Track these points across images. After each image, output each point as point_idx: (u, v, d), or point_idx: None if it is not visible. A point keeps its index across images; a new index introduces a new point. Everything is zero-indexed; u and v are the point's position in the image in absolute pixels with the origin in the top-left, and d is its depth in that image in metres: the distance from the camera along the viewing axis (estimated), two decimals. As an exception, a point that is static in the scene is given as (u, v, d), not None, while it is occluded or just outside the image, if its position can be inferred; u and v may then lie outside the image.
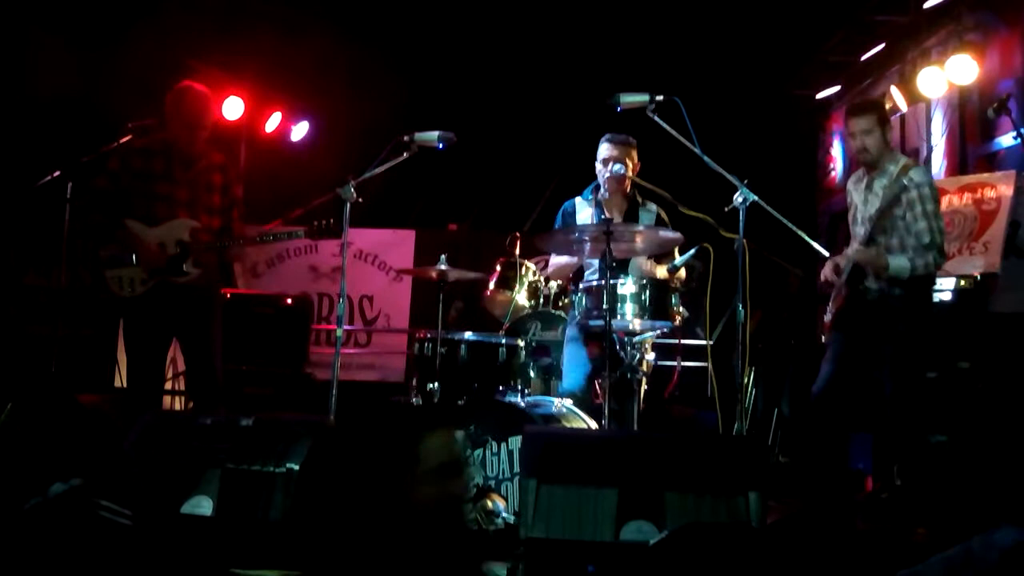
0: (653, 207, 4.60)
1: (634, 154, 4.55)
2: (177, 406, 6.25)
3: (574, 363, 4.39)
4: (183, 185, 4.30)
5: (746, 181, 3.74)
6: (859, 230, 4.25)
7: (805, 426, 5.59)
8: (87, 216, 4.33)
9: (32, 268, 5.94)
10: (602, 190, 4.59)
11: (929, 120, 6.62)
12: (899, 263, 4.02)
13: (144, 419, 3.32)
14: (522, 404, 3.85)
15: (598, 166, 4.57)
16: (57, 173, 4.73)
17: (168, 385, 5.72)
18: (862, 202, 4.26)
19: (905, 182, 4.02)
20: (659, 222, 4.57)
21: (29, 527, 2.58)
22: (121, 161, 4.31)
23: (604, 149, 4.55)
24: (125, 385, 5.44)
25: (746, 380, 4.37)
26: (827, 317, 4.26)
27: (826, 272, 4.31)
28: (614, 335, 4.04)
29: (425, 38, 7.37)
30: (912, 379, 4.08)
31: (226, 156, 4.60)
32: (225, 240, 4.34)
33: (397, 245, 8.07)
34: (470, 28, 7.25)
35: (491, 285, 5.12)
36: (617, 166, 4.47)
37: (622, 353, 4.18)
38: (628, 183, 4.58)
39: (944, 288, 4.89)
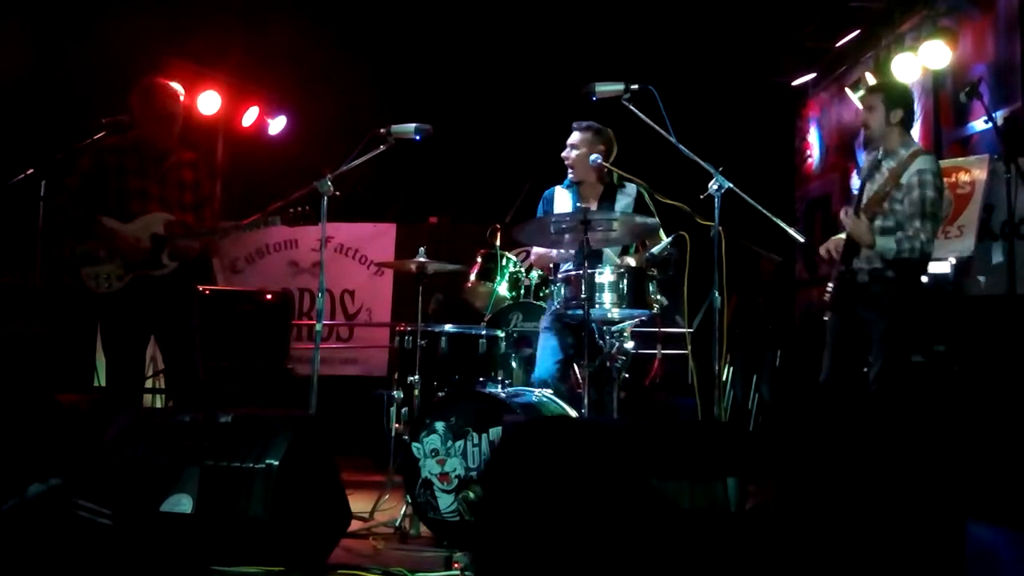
0: (632, 188, 4.60)
1: (597, 140, 4.56)
2: (157, 404, 6.23)
3: (546, 351, 4.40)
4: (155, 180, 4.29)
5: (721, 168, 3.76)
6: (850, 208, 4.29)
7: (799, 412, 5.64)
8: (62, 214, 4.29)
9: (7, 267, 5.89)
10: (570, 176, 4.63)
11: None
12: (886, 243, 4.05)
13: (123, 417, 3.31)
14: (502, 395, 3.86)
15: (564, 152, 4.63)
16: (31, 171, 4.69)
17: (148, 383, 5.69)
18: (868, 179, 4.29)
19: (911, 167, 4.08)
20: (639, 202, 4.57)
21: (6, 528, 2.57)
22: (93, 158, 4.28)
23: (571, 137, 4.61)
24: (104, 384, 5.41)
25: (724, 366, 4.39)
26: (826, 296, 4.29)
27: (827, 246, 4.34)
28: (592, 324, 4.05)
29: (401, 30, 7.34)
30: (897, 361, 4.12)
31: (197, 153, 4.58)
32: (201, 229, 4.31)
33: (378, 239, 8.06)
34: (446, 20, 7.23)
35: (472, 277, 5.13)
36: (594, 156, 4.49)
37: (600, 342, 4.20)
38: (601, 169, 4.58)
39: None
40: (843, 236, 4.26)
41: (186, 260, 4.28)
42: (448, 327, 4.34)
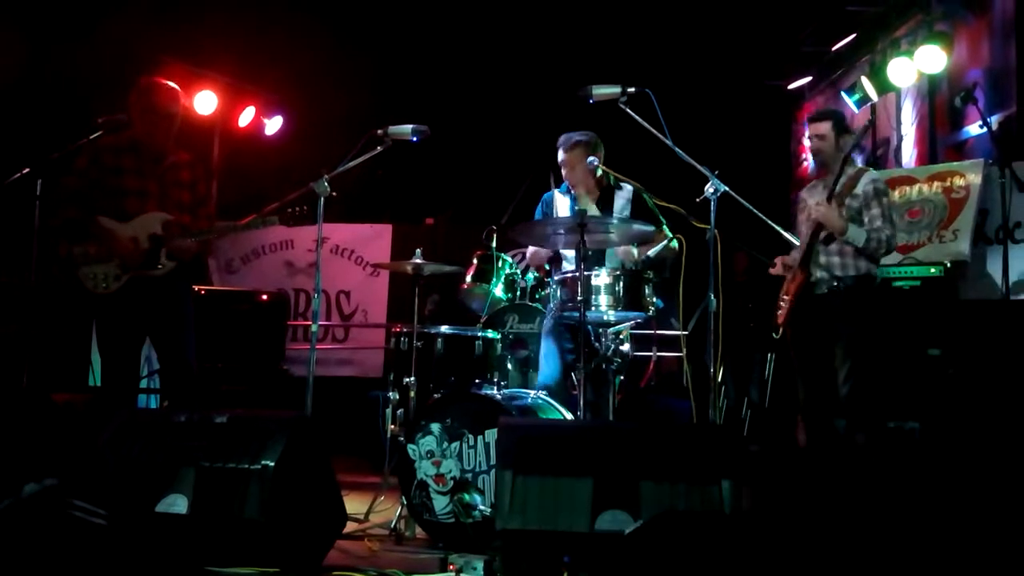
0: (628, 188, 4.60)
1: (587, 149, 4.55)
2: (152, 404, 6.21)
3: (550, 356, 4.41)
4: (152, 180, 4.28)
5: (717, 172, 3.77)
6: (805, 230, 4.37)
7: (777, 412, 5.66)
8: (59, 213, 4.28)
9: (2, 266, 5.87)
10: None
11: (899, 109, 6.69)
12: (855, 231, 4.15)
13: (118, 417, 3.30)
14: (498, 397, 3.86)
15: (563, 172, 4.64)
16: (27, 170, 4.68)
17: (142, 383, 5.68)
18: (815, 204, 4.34)
19: (863, 179, 4.24)
20: (636, 201, 4.58)
21: (1, 528, 2.56)
22: (90, 158, 4.27)
23: (560, 157, 4.62)
24: (99, 384, 5.40)
25: (719, 369, 4.40)
26: (779, 313, 4.34)
27: (778, 261, 4.42)
28: (588, 326, 4.06)
29: (398, 32, 7.35)
30: (862, 379, 4.18)
31: (194, 154, 4.57)
32: (198, 229, 4.31)
33: (374, 240, 8.06)
34: (444, 21, 7.23)
35: (468, 278, 5.13)
36: (590, 159, 4.50)
37: (597, 344, 4.20)
38: (597, 173, 4.59)
39: (914, 276, 4.96)
40: (794, 254, 4.34)
41: (183, 260, 4.28)
42: (444, 328, 4.34)
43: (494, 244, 5.12)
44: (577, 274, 3.87)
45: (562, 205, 4.65)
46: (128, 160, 4.26)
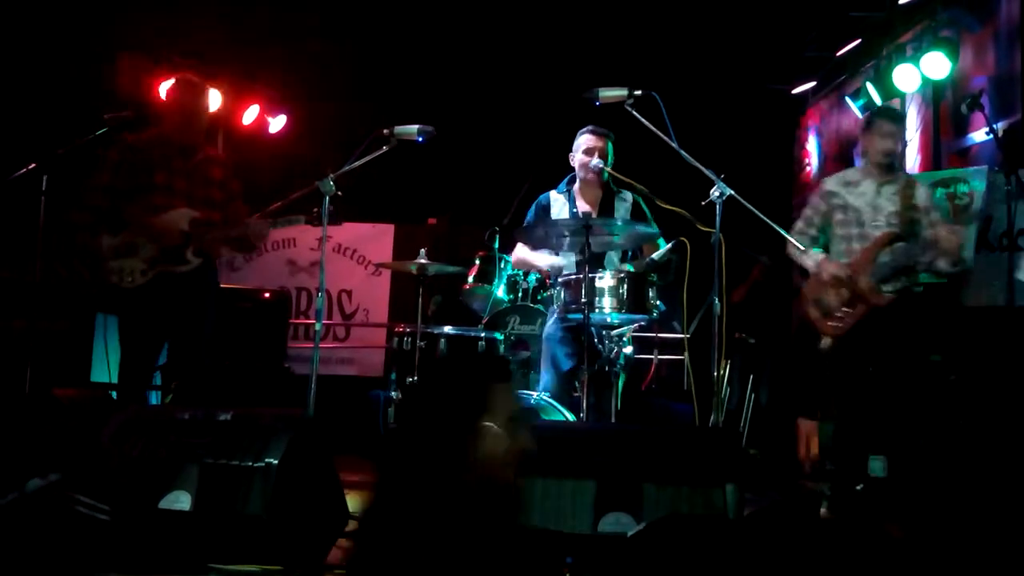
0: (628, 196, 4.61)
1: (608, 141, 4.57)
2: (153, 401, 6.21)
3: (550, 362, 4.41)
4: (181, 176, 4.32)
5: (723, 176, 3.76)
6: (867, 231, 4.28)
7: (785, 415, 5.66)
8: (89, 206, 4.31)
9: (6, 261, 5.87)
10: (578, 181, 4.61)
11: (903, 115, 6.68)
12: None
13: (122, 414, 3.30)
14: (501, 397, 3.85)
15: (580, 156, 4.57)
16: (33, 165, 4.68)
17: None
18: (867, 205, 4.28)
19: (917, 189, 4.26)
20: (635, 210, 4.58)
21: (5, 522, 2.57)
22: (121, 152, 4.31)
23: (587, 140, 4.56)
24: (100, 379, 5.41)
25: (722, 373, 4.40)
26: (833, 324, 4.23)
27: (829, 269, 4.27)
28: (592, 328, 4.06)
29: (403, 31, 7.35)
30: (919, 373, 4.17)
31: (225, 151, 4.60)
32: (226, 222, 4.33)
33: (376, 239, 8.07)
34: (449, 21, 7.23)
35: (470, 279, 5.13)
36: (596, 161, 4.49)
37: (600, 346, 4.21)
38: (604, 177, 4.60)
39: (918, 282, 4.95)
40: (837, 270, 4.23)
41: (209, 256, 4.32)
42: (447, 329, 4.34)
43: (496, 245, 5.13)
44: (580, 276, 3.88)
45: (560, 207, 4.64)
46: (158, 156, 4.30)
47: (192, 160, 4.35)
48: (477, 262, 5.15)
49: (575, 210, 4.51)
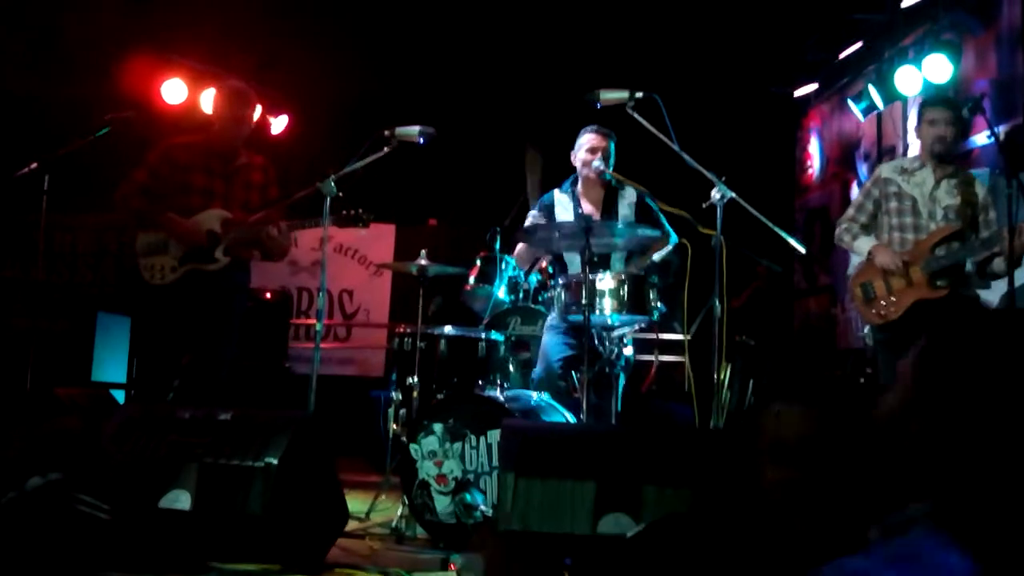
0: (631, 192, 4.58)
1: (610, 141, 4.57)
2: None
3: (549, 349, 4.41)
4: (219, 179, 4.41)
5: (724, 178, 3.76)
6: (923, 221, 4.16)
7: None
8: (126, 206, 4.38)
9: (9, 260, 5.89)
10: (581, 181, 4.61)
11: (905, 118, 6.68)
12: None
13: (122, 412, 3.31)
14: (501, 398, 3.86)
15: (582, 155, 4.56)
16: (34, 165, 4.70)
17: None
18: (924, 195, 4.18)
19: (975, 184, 4.18)
20: (641, 207, 4.57)
21: (6, 521, 2.57)
22: (161, 154, 4.41)
23: (590, 139, 4.55)
24: (114, 378, 5.43)
25: (723, 375, 4.41)
26: (874, 319, 4.16)
27: (886, 259, 4.14)
28: (592, 329, 4.06)
29: (404, 32, 7.36)
30: None
31: (265, 158, 4.66)
32: (256, 220, 4.36)
33: (377, 240, 8.07)
34: (450, 21, 7.24)
35: (471, 280, 5.13)
36: (598, 162, 4.49)
37: (600, 347, 4.21)
38: (605, 177, 4.59)
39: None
40: (890, 259, 4.11)
41: (240, 256, 4.39)
42: (448, 329, 4.34)
43: (497, 246, 5.13)
44: (581, 277, 3.88)
45: (564, 206, 4.64)
46: (198, 158, 4.39)
47: (232, 164, 4.45)
48: (478, 263, 5.14)
49: (580, 210, 4.51)
